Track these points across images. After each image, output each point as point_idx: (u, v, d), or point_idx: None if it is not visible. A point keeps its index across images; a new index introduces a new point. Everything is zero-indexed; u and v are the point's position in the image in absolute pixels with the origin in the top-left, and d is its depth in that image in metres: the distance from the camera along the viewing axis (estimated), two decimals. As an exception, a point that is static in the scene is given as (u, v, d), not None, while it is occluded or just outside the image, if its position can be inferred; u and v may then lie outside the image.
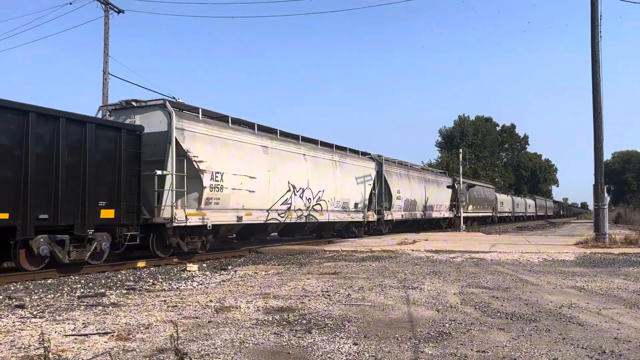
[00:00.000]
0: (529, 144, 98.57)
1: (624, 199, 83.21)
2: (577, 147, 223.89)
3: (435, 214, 33.34)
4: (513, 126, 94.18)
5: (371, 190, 23.94)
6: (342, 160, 21.52)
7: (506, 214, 58.33)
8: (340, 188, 20.80)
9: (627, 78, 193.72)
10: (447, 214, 35.81)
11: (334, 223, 21.36)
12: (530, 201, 75.84)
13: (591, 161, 18.34)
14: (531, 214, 74.99)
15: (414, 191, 29.58)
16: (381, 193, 25.29)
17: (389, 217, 25.95)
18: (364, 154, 24.27)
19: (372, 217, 24.02)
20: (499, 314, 6.31)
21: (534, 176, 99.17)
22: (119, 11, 25.45)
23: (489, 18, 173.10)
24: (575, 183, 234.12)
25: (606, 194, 18.39)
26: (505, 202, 58.52)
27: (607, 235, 17.63)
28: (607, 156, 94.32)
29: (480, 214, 43.85)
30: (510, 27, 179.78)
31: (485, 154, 79.44)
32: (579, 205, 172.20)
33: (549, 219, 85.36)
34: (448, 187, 36.85)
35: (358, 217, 22.52)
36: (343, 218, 21.35)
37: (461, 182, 35.38)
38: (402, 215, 27.71)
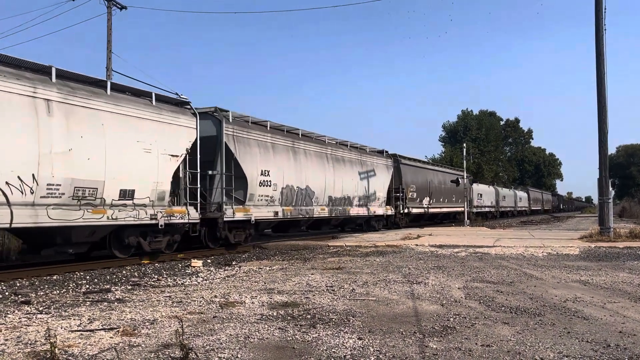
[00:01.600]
0: (533, 138, 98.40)
1: (628, 192, 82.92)
2: (581, 141, 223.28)
3: (357, 211, 21.96)
4: (517, 120, 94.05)
5: (183, 169, 13.05)
6: (81, 103, 10.72)
7: (487, 209, 47.06)
8: (63, 158, 10.19)
9: (632, 71, 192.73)
10: (381, 210, 24.35)
11: (44, 229, 10.19)
12: (521, 193, 64.89)
13: (596, 155, 18.28)
14: (523, 209, 64.11)
15: (308, 174, 18.06)
16: (223, 175, 14.29)
17: (240, 217, 14.67)
18: (171, 102, 13.10)
19: (183, 215, 12.79)
20: (503, 308, 6.31)
21: (538, 170, 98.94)
22: (122, 7, 25.48)
23: (492, 11, 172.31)
24: (580, 177, 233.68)
25: (611, 188, 18.33)
26: (486, 194, 47.19)
27: (612, 229, 17.60)
28: (611, 150, 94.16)
29: (443, 209, 33.36)
30: (513, 21, 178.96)
31: (489, 148, 79.14)
32: (583, 199, 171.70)
33: (546, 214, 75.18)
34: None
35: (139, 216, 11.66)
36: (77, 220, 10.47)
37: (465, 177, 34.89)
38: (277, 213, 16.32)
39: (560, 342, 4.80)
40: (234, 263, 12.04)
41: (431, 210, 31.45)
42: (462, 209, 35.45)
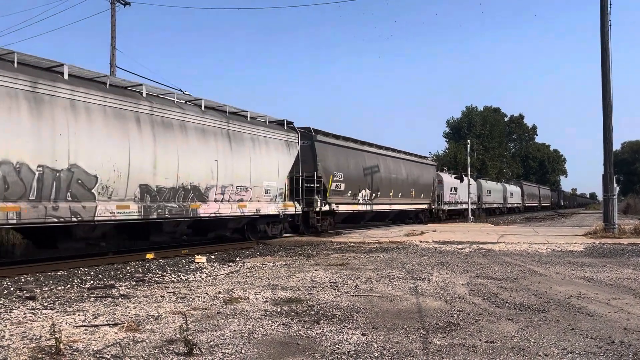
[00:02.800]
0: (537, 135, 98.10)
1: (633, 189, 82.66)
2: (586, 138, 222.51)
3: (217, 208, 13.96)
4: (521, 116, 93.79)
5: None
6: None
7: (464, 206, 37.82)
8: None
9: (638, 66, 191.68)
10: (273, 208, 16.32)
11: None
12: (513, 188, 56.44)
13: (600, 151, 18.22)
14: (514, 205, 55.97)
15: (79, 144, 10.41)
16: None
17: None
18: None
19: None
20: (507, 305, 6.30)
21: (542, 167, 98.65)
22: (126, 3, 25.47)
23: (494, 6, 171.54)
24: (584, 174, 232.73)
25: (615, 184, 18.27)
26: (463, 188, 37.31)
27: (616, 226, 17.54)
28: (616, 146, 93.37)
29: (394, 206, 25.67)
30: (517, 17, 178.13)
31: (493, 144, 78.84)
32: (588, 196, 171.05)
33: (545, 211, 68.86)
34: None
35: None
36: None
37: (468, 175, 34.71)
38: None
39: (564, 338, 4.79)
40: (237, 259, 12.06)
41: (375, 207, 23.44)
42: (426, 206, 30.11)
